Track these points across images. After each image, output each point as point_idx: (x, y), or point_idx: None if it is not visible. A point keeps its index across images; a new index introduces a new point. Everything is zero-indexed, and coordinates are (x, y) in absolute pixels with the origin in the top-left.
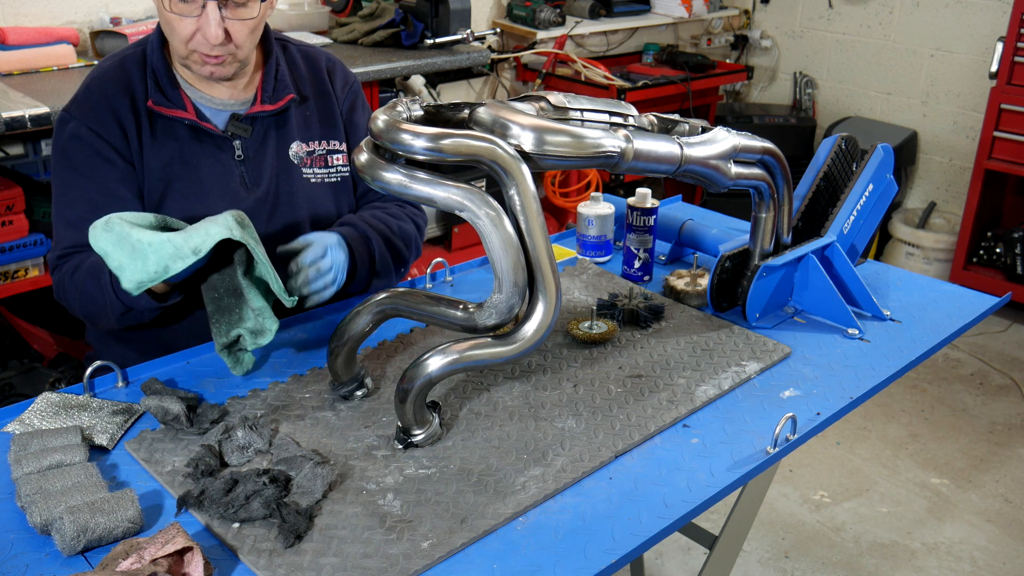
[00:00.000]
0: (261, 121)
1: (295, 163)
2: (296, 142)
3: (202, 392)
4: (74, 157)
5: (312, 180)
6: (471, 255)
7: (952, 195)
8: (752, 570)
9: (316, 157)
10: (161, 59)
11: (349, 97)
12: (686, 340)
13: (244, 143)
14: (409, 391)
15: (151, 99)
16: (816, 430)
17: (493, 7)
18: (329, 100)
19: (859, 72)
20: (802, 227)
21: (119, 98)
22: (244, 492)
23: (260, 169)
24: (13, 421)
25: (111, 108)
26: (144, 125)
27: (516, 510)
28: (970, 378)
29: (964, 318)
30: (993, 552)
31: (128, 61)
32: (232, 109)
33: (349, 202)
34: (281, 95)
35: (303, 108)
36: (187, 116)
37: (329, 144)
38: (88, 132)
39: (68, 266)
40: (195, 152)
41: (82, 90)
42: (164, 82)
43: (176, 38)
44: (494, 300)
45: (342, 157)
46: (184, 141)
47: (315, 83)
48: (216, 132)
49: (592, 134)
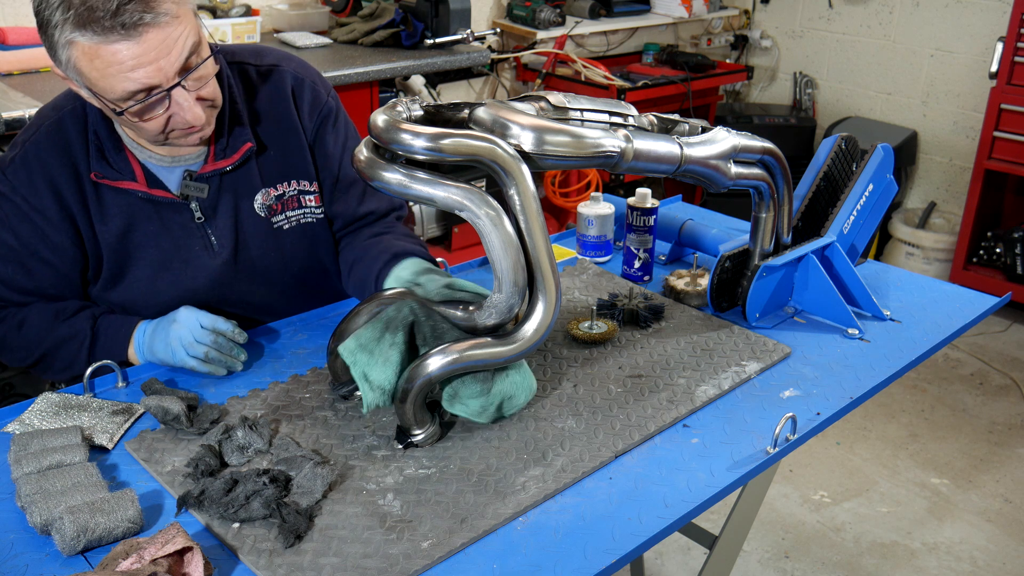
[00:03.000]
0: (218, 178)
1: (262, 215)
2: (261, 191)
3: (202, 392)
4: (7, 219)
5: (285, 227)
6: (471, 255)
7: (952, 195)
8: (752, 570)
9: (287, 199)
10: (101, 120)
11: (316, 121)
12: (686, 340)
13: (201, 203)
14: (409, 391)
15: (94, 171)
16: (816, 430)
17: (493, 7)
18: (295, 135)
19: (859, 72)
20: (802, 227)
21: (59, 170)
22: (244, 492)
23: (223, 230)
24: (13, 421)
25: (50, 183)
26: (90, 196)
27: (516, 510)
28: (970, 378)
29: (964, 318)
30: (993, 552)
31: (66, 120)
32: (184, 165)
33: (327, 246)
34: (237, 146)
35: (267, 152)
36: (138, 187)
37: (299, 184)
38: (23, 202)
39: (10, 322)
40: (150, 219)
41: (19, 155)
42: (108, 147)
43: (147, 134)
44: (494, 300)
45: (315, 198)
46: (136, 208)
47: (278, 115)
48: (170, 198)
49: (592, 134)
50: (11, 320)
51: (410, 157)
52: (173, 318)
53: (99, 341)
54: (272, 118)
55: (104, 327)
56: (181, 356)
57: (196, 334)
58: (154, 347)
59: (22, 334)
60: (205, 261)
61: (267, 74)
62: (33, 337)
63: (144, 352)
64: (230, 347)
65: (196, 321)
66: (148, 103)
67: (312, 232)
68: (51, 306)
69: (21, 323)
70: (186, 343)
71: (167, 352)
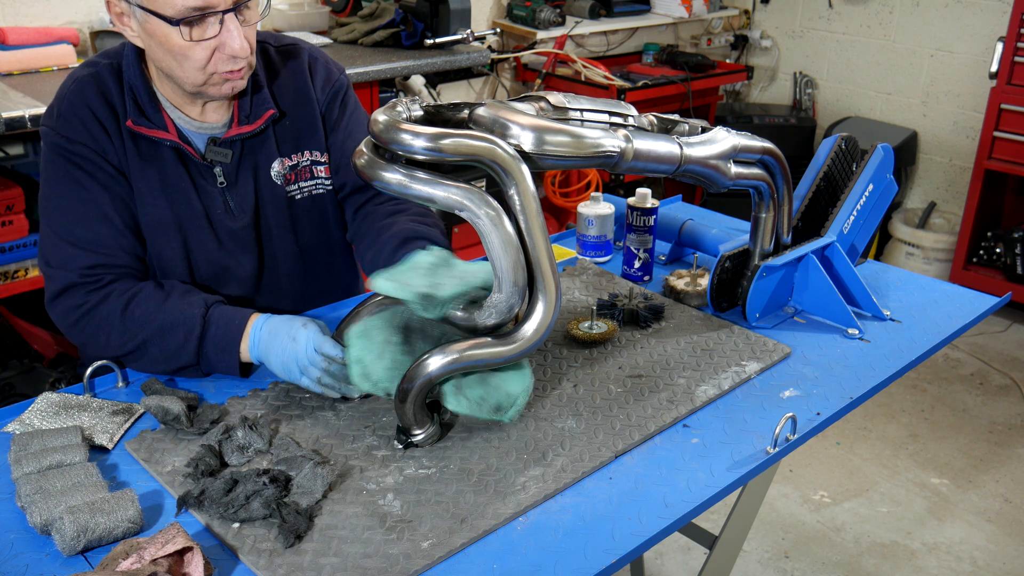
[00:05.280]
0: (240, 144)
1: (278, 183)
2: (278, 159)
3: (202, 392)
4: (73, 171)
5: (297, 197)
6: (471, 255)
7: (952, 195)
8: (752, 570)
9: (300, 170)
10: (139, 75)
11: (328, 94)
12: (686, 340)
13: (224, 168)
14: (409, 391)
15: (131, 119)
16: (816, 430)
17: (493, 7)
18: (311, 106)
19: (859, 72)
20: (802, 227)
21: (102, 110)
22: (244, 492)
23: (244, 195)
24: (13, 421)
25: (97, 120)
26: (128, 144)
27: (516, 510)
28: (970, 378)
29: (964, 318)
30: (993, 552)
31: (103, 73)
32: (210, 132)
33: (335, 220)
34: (260, 113)
35: (283, 120)
36: (170, 137)
37: (312, 155)
38: (84, 148)
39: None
40: (180, 177)
41: (64, 107)
42: (144, 101)
43: (191, 67)
44: (494, 300)
45: (325, 169)
46: (168, 164)
47: (296, 88)
48: (197, 159)
49: (591, 134)
50: (117, 300)
51: (410, 157)
52: (293, 336)
53: (210, 331)
54: (290, 89)
55: (216, 317)
56: (295, 376)
57: (310, 357)
58: (270, 358)
59: (126, 315)
60: (228, 224)
61: (286, 51)
62: (138, 319)
63: (259, 352)
64: (344, 373)
65: (311, 343)
66: (204, 15)
67: (322, 204)
68: (160, 291)
69: (127, 303)
70: (301, 365)
71: (282, 369)
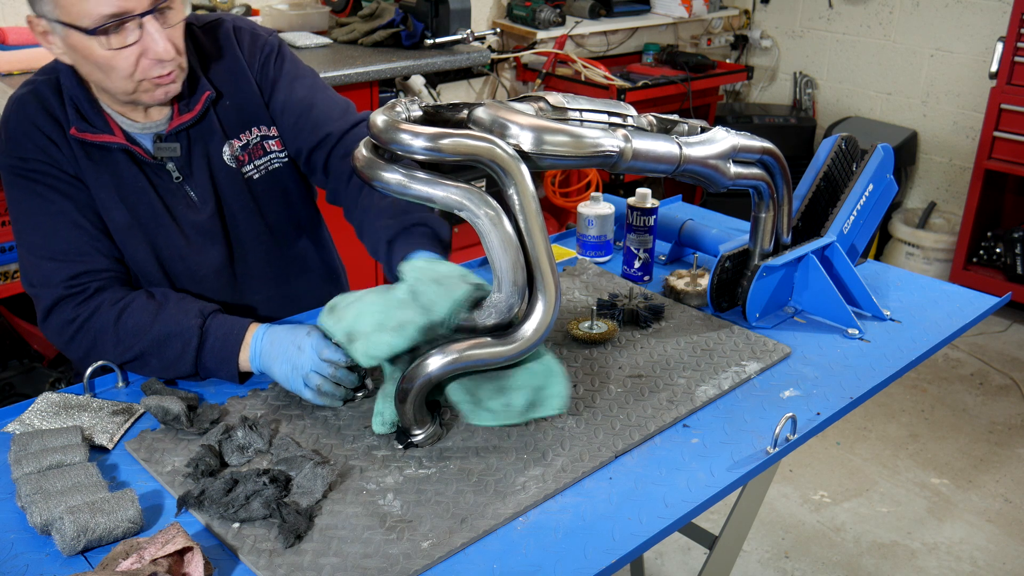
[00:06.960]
0: (187, 134)
1: (232, 167)
2: (226, 143)
3: (202, 392)
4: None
5: (255, 176)
6: (471, 255)
7: (952, 195)
8: (752, 570)
9: (252, 148)
10: (78, 84)
11: (260, 59)
12: (686, 340)
13: (177, 163)
14: (409, 391)
15: (74, 127)
16: (816, 430)
17: (493, 7)
18: (246, 79)
19: (859, 72)
20: (802, 227)
21: (47, 123)
22: (244, 492)
23: (201, 185)
24: (13, 421)
25: (43, 134)
26: (78, 152)
27: (516, 510)
28: (970, 378)
29: (964, 318)
30: (993, 552)
31: (41, 89)
32: (155, 130)
33: (298, 194)
34: (197, 97)
35: (222, 101)
36: (117, 140)
37: (260, 130)
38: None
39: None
40: (136, 179)
41: (7, 125)
42: (86, 108)
43: (117, 77)
44: (493, 300)
45: (276, 142)
46: (122, 168)
47: (227, 63)
48: (148, 159)
49: (591, 134)
50: (108, 312)
51: (410, 157)
52: (298, 344)
53: (207, 342)
54: (222, 67)
55: (214, 327)
56: (299, 386)
57: (316, 365)
58: (273, 368)
59: (120, 326)
60: (191, 218)
61: (210, 27)
62: (132, 330)
63: (261, 363)
64: (350, 379)
65: (315, 351)
66: (122, 21)
67: (281, 178)
68: (152, 301)
69: (120, 314)
70: (306, 373)
71: (286, 378)
